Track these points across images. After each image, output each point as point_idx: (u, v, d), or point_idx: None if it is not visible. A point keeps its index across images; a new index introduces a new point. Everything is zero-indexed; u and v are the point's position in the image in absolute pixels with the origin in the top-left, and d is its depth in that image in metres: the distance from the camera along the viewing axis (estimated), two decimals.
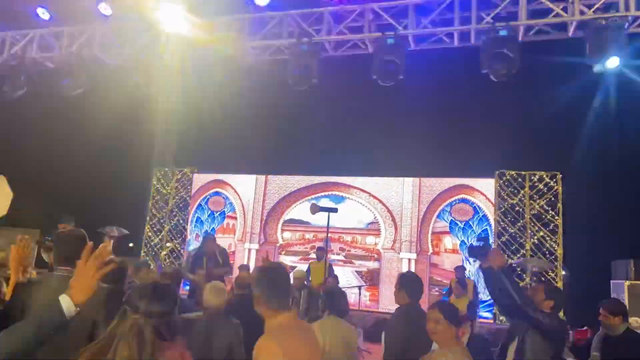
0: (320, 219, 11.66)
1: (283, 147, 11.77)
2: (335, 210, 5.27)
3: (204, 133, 11.15)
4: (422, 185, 11.60)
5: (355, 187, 12.05)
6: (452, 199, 11.28)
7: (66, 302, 1.58)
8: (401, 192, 11.72)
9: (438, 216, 11.31)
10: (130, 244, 13.48)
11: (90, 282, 1.67)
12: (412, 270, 10.76)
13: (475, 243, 3.74)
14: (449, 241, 11.14)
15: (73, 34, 7.01)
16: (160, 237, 13.14)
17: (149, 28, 6.49)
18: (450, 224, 11.19)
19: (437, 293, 10.47)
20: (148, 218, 13.24)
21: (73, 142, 10.15)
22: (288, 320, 2.17)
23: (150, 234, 13.22)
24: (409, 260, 11.16)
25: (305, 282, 8.12)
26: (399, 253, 11.34)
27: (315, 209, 5.25)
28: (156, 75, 6.93)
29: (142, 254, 13.04)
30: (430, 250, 11.19)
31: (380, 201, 11.79)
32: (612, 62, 5.37)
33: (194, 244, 12.81)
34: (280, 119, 10.93)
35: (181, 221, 13.16)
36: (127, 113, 9.37)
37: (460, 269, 8.88)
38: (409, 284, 3.56)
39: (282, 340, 2.04)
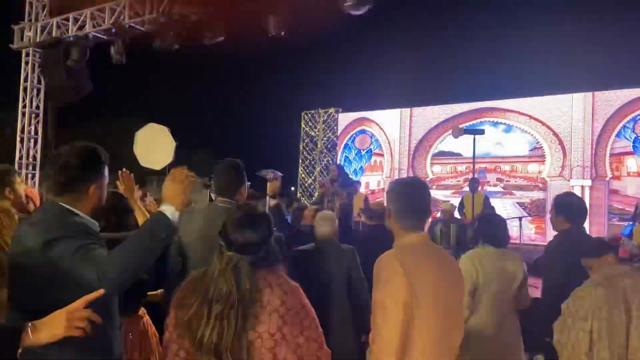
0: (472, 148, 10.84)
1: (426, 77, 11.05)
2: (481, 132, 4.68)
3: (345, 72, 11.01)
4: (595, 100, 9.85)
5: (513, 111, 10.79)
6: (637, 113, 9.38)
7: (169, 210, 1.63)
8: (569, 110, 10.14)
9: (617, 135, 9.57)
10: (292, 187, 14.38)
11: (181, 189, 1.71)
12: (587, 198, 9.42)
13: None
14: (632, 163, 9.39)
15: None
16: (312, 178, 13.70)
17: None
18: (634, 142, 9.38)
19: (618, 223, 9.04)
20: (300, 160, 13.85)
21: (229, 93, 10.92)
22: (418, 241, 1.90)
23: (303, 175, 13.85)
24: (582, 187, 9.76)
25: (458, 216, 7.69)
26: (569, 180, 9.99)
27: (457, 132, 4.73)
28: (287, 17, 6.83)
29: (299, 194, 13.80)
30: (609, 175, 9.61)
31: (544, 123, 10.39)
32: None
33: None
34: (418, 48, 10.18)
35: (330, 161, 13.47)
36: (270, 58, 9.62)
37: None
38: (566, 206, 3.03)
39: (407, 261, 1.79)
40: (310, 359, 1.60)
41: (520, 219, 8.53)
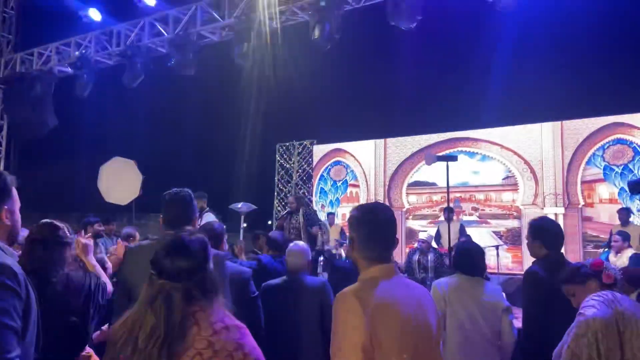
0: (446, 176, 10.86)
1: (399, 108, 11.14)
2: (454, 158, 4.62)
3: (319, 104, 11.03)
4: (564, 128, 10.06)
5: (484, 140, 10.92)
6: (605, 141, 9.58)
7: None
8: (539, 139, 10.31)
9: (588, 162, 9.73)
10: (269, 222, 14.11)
11: None
12: (561, 225, 9.45)
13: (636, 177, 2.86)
14: (604, 190, 9.52)
15: (178, 16, 7.22)
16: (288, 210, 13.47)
17: None
18: (604, 169, 9.55)
19: (593, 250, 9.07)
20: (275, 193, 13.66)
21: (200, 126, 10.77)
22: (383, 274, 1.70)
23: (279, 208, 13.63)
24: (556, 215, 9.82)
25: (435, 245, 7.58)
26: (542, 208, 10.05)
27: (430, 159, 4.66)
28: (258, 48, 6.80)
29: (274, 228, 13.54)
30: (582, 202, 9.71)
31: (515, 152, 10.52)
32: None
33: (320, 214, 12.92)
34: (390, 78, 10.31)
35: (306, 193, 13.32)
36: (241, 91, 9.56)
37: (625, 212, 7.43)
38: (542, 231, 2.90)
39: (366, 297, 1.60)
40: None
41: (497, 247, 8.46)
